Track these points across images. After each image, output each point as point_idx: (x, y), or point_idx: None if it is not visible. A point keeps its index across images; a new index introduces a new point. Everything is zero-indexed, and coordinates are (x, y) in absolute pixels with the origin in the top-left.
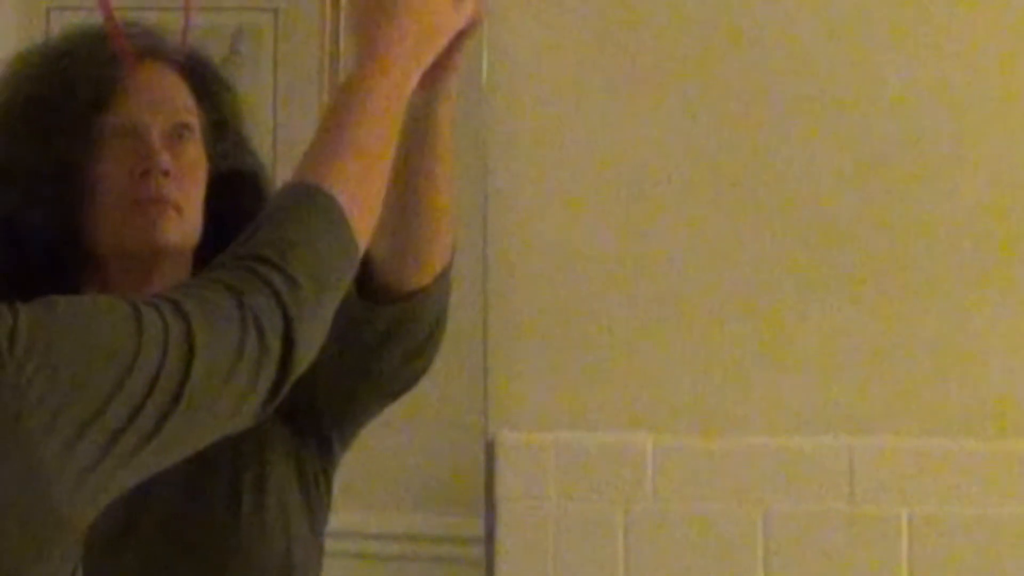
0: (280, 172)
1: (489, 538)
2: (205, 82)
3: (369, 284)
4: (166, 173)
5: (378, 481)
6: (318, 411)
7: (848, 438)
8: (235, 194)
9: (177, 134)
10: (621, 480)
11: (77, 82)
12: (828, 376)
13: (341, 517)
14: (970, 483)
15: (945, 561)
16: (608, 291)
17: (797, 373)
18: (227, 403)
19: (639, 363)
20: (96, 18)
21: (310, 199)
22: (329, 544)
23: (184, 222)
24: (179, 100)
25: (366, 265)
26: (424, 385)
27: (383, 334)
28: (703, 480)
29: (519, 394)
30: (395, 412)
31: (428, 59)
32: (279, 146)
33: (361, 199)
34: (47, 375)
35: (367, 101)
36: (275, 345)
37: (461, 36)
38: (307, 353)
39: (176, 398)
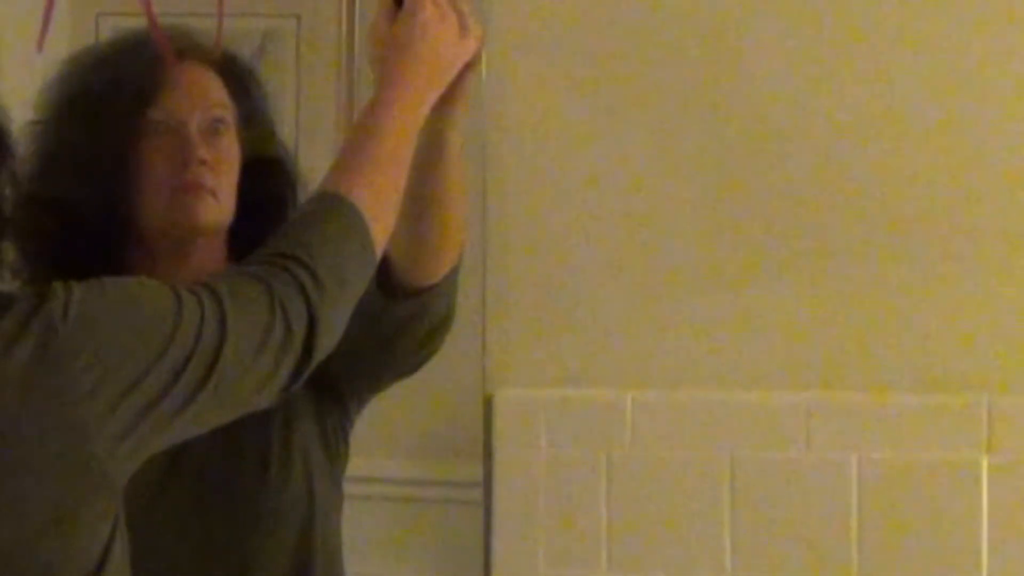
0: (303, 158)
1: (487, 482)
2: (238, 79)
3: (387, 281)
4: (203, 162)
5: (390, 433)
6: (339, 385)
7: (805, 393)
8: (264, 178)
9: (213, 128)
10: (604, 431)
11: (125, 80)
12: (788, 338)
13: (357, 464)
14: (912, 432)
15: (889, 500)
16: (594, 266)
17: (761, 336)
18: (252, 382)
19: (620, 328)
20: (141, 23)
21: (336, 207)
22: (346, 488)
23: (219, 205)
24: (215, 96)
25: (385, 264)
26: None
27: (399, 324)
28: (676, 430)
29: (514, 356)
30: None
31: (440, 87)
32: (301, 135)
33: (379, 208)
34: (94, 347)
35: (386, 124)
36: (299, 334)
37: (467, 67)
38: (328, 343)
39: (207, 375)
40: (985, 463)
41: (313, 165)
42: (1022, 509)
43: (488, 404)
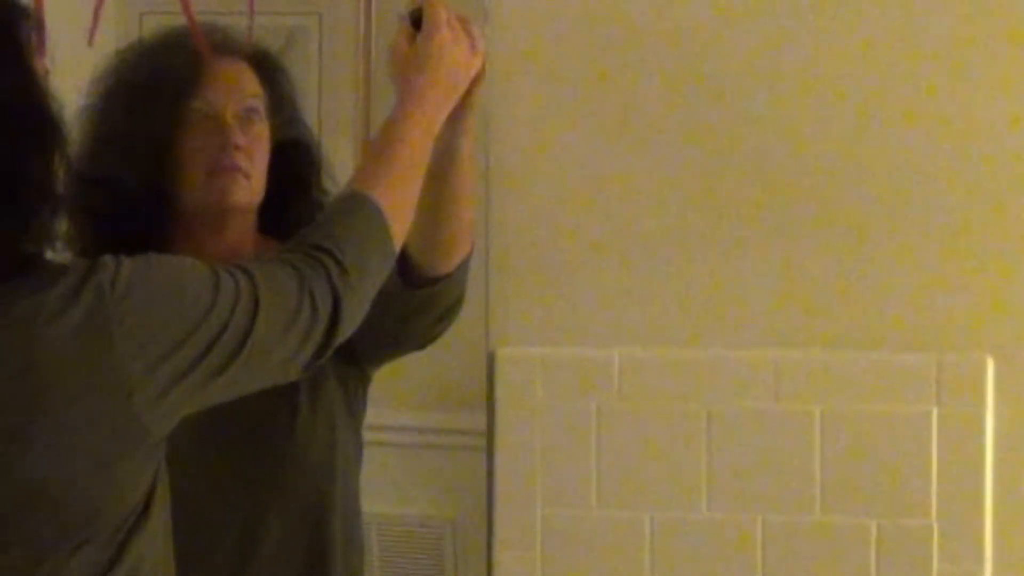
0: (325, 143)
1: (490, 430)
2: (268, 71)
3: (406, 271)
4: (238, 147)
5: (402, 386)
6: (360, 355)
7: (774, 350)
8: (291, 160)
9: (247, 116)
10: (594, 384)
11: (167, 73)
12: (759, 301)
13: (373, 414)
14: (870, 386)
15: (849, 447)
16: (585, 238)
17: (734, 299)
18: (279, 358)
19: (609, 293)
20: (181, 21)
21: (360, 206)
22: (363, 435)
23: (251, 185)
24: (248, 87)
25: (404, 257)
26: None
27: (414, 309)
28: (658, 384)
29: (514, 318)
30: None
31: (453, 100)
32: (324, 122)
33: (399, 208)
34: (138, 315)
35: (406, 134)
36: (324, 316)
37: (475, 82)
38: (349, 326)
39: (239, 347)
40: (935, 414)
41: (335, 149)
42: (967, 455)
43: (491, 360)
